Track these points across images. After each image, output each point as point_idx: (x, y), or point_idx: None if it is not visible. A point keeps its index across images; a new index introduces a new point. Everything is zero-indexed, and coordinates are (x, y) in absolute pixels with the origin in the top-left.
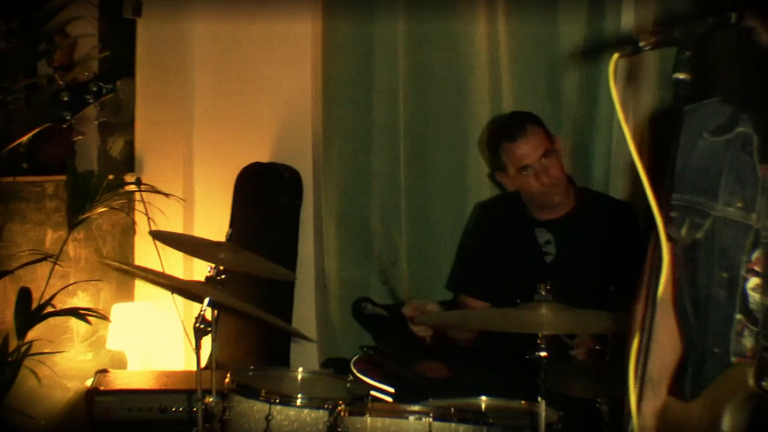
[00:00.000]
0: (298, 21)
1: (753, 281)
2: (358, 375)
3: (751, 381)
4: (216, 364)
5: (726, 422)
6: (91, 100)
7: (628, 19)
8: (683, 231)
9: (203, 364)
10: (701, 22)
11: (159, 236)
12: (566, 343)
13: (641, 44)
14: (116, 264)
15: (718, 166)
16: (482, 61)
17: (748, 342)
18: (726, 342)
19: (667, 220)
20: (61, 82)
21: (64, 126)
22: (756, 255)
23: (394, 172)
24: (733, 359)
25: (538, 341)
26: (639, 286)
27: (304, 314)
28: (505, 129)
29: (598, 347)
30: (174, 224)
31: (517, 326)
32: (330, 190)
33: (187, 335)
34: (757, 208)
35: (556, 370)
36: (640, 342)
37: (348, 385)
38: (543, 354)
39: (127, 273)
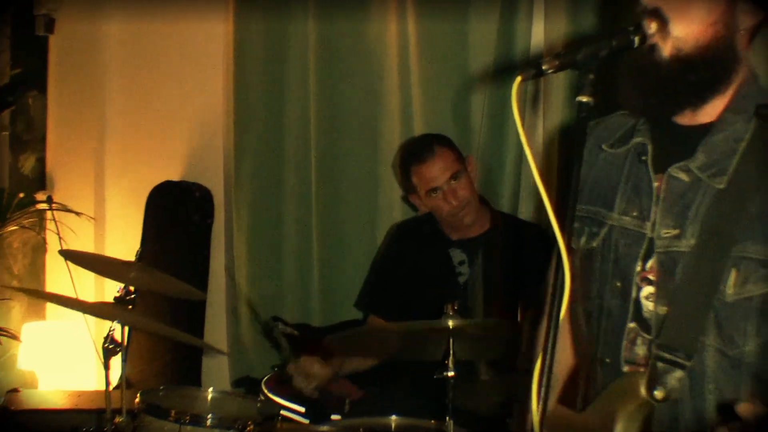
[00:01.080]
0: (210, 40)
1: (646, 290)
2: (269, 394)
3: (642, 390)
4: (127, 383)
5: (618, 431)
6: None
7: (538, 31)
8: (582, 241)
9: (113, 383)
10: (604, 44)
11: (69, 255)
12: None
13: (544, 67)
14: (22, 289)
15: (616, 177)
16: (393, 79)
17: (640, 350)
18: (617, 351)
19: (569, 233)
20: None
21: None
22: (650, 264)
23: (305, 189)
24: (625, 368)
25: (446, 362)
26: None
27: (216, 333)
28: (415, 151)
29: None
30: (85, 243)
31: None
32: (241, 208)
33: (99, 354)
34: (652, 217)
35: (466, 389)
36: (543, 363)
37: (258, 404)
38: (450, 374)
39: (34, 296)
